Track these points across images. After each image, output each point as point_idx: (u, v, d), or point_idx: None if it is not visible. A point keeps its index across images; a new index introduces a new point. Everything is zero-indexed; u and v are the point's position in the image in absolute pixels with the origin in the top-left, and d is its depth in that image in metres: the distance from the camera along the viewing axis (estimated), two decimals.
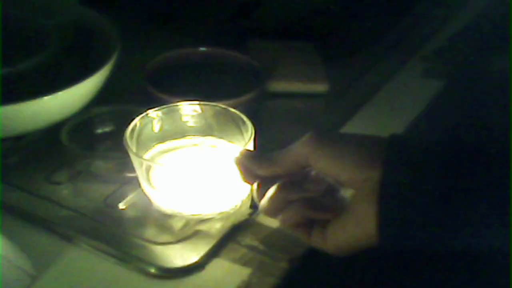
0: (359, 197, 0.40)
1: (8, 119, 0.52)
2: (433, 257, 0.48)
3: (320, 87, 0.66)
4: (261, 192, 0.45)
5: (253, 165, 0.45)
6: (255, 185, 0.45)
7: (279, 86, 0.66)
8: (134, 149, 0.47)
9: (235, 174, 0.46)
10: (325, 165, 0.41)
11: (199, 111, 0.51)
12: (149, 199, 0.50)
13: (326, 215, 0.43)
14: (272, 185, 0.44)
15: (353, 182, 0.41)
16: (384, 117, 0.64)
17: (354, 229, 0.40)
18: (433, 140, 0.40)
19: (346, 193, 0.43)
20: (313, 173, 0.44)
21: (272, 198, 0.43)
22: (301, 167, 0.43)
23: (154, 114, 0.50)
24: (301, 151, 0.42)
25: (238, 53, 0.65)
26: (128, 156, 0.48)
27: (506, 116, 0.59)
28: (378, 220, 0.39)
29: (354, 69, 0.72)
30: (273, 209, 0.44)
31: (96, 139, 0.56)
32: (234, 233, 0.49)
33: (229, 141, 0.51)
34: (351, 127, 0.62)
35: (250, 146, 0.48)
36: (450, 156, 0.39)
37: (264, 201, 0.44)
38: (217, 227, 0.49)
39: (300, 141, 0.43)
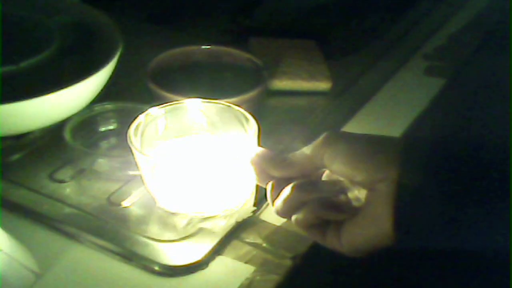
0: (374, 198, 0.40)
1: (11, 118, 0.52)
2: (438, 260, 0.48)
3: (322, 85, 0.66)
4: (275, 192, 0.45)
5: (268, 165, 0.45)
6: (269, 186, 0.45)
7: (281, 84, 0.66)
8: (138, 147, 0.47)
9: (243, 172, 0.46)
10: (341, 166, 0.41)
11: (203, 108, 0.51)
12: (152, 197, 0.50)
13: (341, 216, 0.42)
14: (286, 185, 0.44)
15: (369, 183, 0.40)
16: (386, 114, 0.65)
17: (369, 229, 0.40)
18: (446, 140, 0.40)
19: (361, 193, 0.43)
20: (328, 173, 0.44)
21: (286, 198, 0.43)
22: (316, 168, 0.43)
23: (158, 111, 0.50)
24: (317, 152, 0.42)
25: (240, 51, 0.65)
26: (132, 154, 0.48)
27: (507, 114, 0.59)
28: (394, 220, 0.39)
29: (356, 67, 0.72)
30: (288, 210, 0.44)
31: (99, 137, 0.56)
32: (238, 231, 0.49)
33: (233, 139, 0.51)
34: (353, 125, 0.62)
35: (254, 144, 0.48)
36: (461, 155, 0.39)
37: (278, 202, 0.44)
38: (220, 225, 0.49)
39: (315, 142, 0.43)
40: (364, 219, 0.41)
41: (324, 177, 0.45)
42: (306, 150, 0.43)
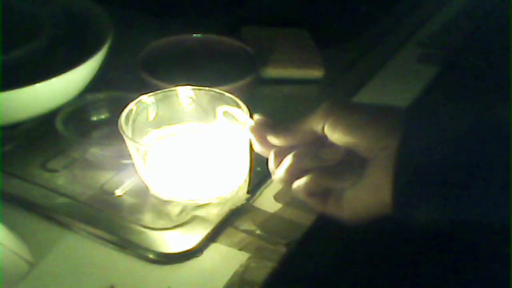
0: (375, 166, 0.40)
1: (2, 107, 0.51)
2: (430, 254, 0.49)
3: (315, 73, 0.66)
4: (277, 161, 0.44)
5: (269, 134, 0.45)
6: (271, 154, 0.45)
7: (273, 72, 0.65)
8: (129, 135, 0.47)
9: (236, 160, 0.45)
10: (342, 135, 0.41)
11: (194, 96, 0.51)
12: (146, 185, 0.50)
13: (342, 184, 0.43)
14: (287, 154, 0.43)
15: (369, 151, 0.40)
16: (380, 102, 0.64)
17: (369, 197, 0.41)
18: (448, 111, 0.40)
19: (362, 161, 0.42)
20: (329, 142, 0.44)
21: (288, 167, 0.43)
22: (317, 137, 0.43)
23: (149, 99, 0.50)
24: (318, 121, 0.42)
25: (232, 39, 0.65)
26: (124, 142, 0.47)
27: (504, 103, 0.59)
28: (393, 189, 0.39)
29: (349, 55, 0.72)
30: (289, 178, 0.44)
31: (92, 126, 0.56)
32: (232, 218, 0.49)
33: (224, 126, 0.51)
34: None
35: (246, 132, 0.48)
36: (464, 127, 0.39)
37: (280, 170, 0.44)
38: (214, 213, 0.49)
39: (316, 111, 0.43)
40: (365, 187, 0.41)
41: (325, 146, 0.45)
42: (307, 119, 0.43)
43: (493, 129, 0.38)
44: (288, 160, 0.43)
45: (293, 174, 0.43)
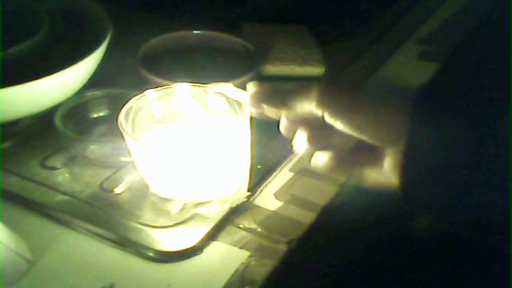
0: (383, 157, 0.41)
1: (1, 104, 0.51)
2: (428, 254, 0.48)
3: (316, 70, 0.66)
4: (288, 126, 0.44)
5: (265, 104, 0.45)
6: (283, 121, 0.44)
7: (274, 69, 0.65)
8: (129, 132, 0.47)
9: (237, 157, 0.45)
10: (346, 128, 0.41)
11: (194, 93, 0.51)
12: (145, 183, 0.49)
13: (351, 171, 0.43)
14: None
15: (378, 139, 0.40)
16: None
17: (378, 181, 0.42)
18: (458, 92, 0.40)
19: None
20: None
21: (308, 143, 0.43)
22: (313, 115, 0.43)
23: (149, 96, 0.50)
24: (316, 107, 0.41)
25: (232, 36, 0.65)
26: (124, 140, 0.47)
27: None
28: (402, 173, 0.39)
29: (350, 52, 0.71)
30: (307, 154, 0.44)
31: (91, 123, 0.56)
32: (232, 216, 0.49)
33: (225, 124, 0.51)
34: None
35: (246, 129, 0.48)
36: (475, 109, 0.38)
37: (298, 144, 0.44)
38: (215, 211, 0.48)
39: (313, 94, 0.42)
40: (373, 173, 0.42)
41: None
42: (305, 100, 0.42)
43: (493, 129, 0.38)
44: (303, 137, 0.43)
45: (310, 150, 0.43)
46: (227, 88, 0.48)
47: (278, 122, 0.55)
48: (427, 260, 0.50)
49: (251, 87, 0.46)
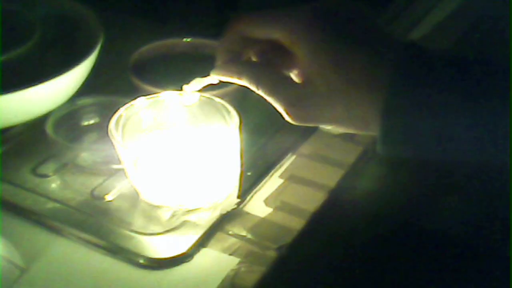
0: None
1: None
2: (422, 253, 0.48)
3: None
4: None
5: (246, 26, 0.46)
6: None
7: None
8: (119, 140, 0.47)
9: (226, 165, 0.45)
10: (330, 86, 0.40)
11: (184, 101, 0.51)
12: (136, 191, 0.50)
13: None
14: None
15: (357, 104, 0.40)
16: None
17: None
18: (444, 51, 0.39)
19: None
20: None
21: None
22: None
23: (139, 104, 0.50)
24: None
25: None
26: (114, 147, 0.47)
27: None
28: (381, 127, 0.38)
29: None
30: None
31: (82, 131, 0.56)
32: (222, 223, 0.49)
33: (214, 131, 0.51)
34: None
35: (236, 136, 0.48)
36: (458, 67, 0.38)
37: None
38: (205, 217, 0.49)
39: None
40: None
41: None
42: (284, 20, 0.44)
43: (492, 128, 0.38)
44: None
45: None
46: (196, 83, 0.48)
47: (268, 129, 0.56)
48: (426, 261, 0.50)
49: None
